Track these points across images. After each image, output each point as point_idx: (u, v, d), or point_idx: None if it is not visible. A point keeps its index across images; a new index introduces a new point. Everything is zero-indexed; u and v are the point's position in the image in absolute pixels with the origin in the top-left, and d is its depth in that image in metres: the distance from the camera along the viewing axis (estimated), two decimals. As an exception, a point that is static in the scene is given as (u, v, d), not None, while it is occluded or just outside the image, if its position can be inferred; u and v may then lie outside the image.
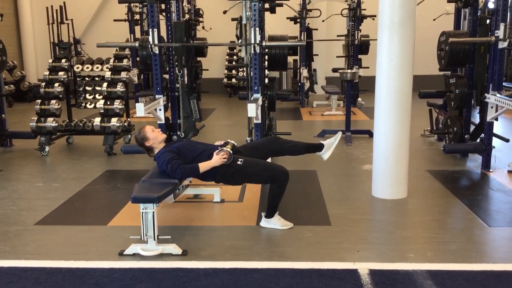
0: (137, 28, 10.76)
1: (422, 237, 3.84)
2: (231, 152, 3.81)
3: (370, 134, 7.28)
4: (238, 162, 3.82)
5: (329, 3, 11.86)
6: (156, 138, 3.98)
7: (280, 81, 12.84)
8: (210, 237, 3.85)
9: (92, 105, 7.31)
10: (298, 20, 10.45)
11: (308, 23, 11.01)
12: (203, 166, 3.78)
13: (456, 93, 5.96)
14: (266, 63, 6.54)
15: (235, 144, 3.96)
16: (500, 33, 5.19)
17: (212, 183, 4.08)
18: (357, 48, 10.28)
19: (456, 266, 3.30)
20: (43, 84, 6.91)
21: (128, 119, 7.26)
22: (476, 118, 6.36)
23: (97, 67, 7.27)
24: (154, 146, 4.00)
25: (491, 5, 5.75)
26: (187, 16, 8.86)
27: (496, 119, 5.56)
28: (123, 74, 6.98)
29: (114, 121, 6.66)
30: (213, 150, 3.89)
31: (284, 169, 3.90)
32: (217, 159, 3.77)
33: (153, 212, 3.47)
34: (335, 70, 9.88)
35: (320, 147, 4.03)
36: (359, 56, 10.42)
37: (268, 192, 3.92)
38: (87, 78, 7.38)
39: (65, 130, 7.03)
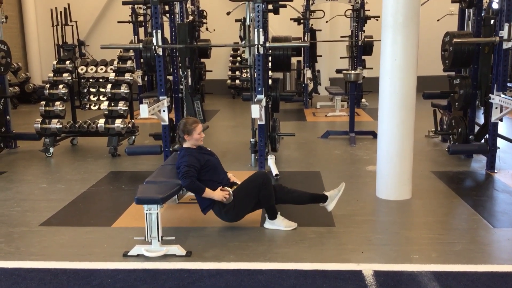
0: (141, 30, 10.77)
1: (427, 238, 3.83)
2: (232, 194, 3.89)
3: (374, 135, 7.27)
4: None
5: (333, 4, 11.85)
6: (196, 140, 4.03)
7: (284, 82, 12.83)
8: (214, 238, 3.86)
9: (96, 107, 7.34)
10: (302, 21, 10.44)
11: (312, 24, 10.99)
12: (207, 193, 3.85)
13: (461, 93, 5.94)
14: (270, 64, 6.54)
15: None
16: (504, 33, 5.18)
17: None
18: (361, 49, 10.26)
19: (460, 267, 3.29)
20: (48, 85, 6.93)
21: (132, 120, 7.27)
22: (481, 119, 6.34)
23: (101, 69, 7.28)
24: (188, 141, 4.03)
25: (495, 5, 5.74)
26: (190, 18, 8.88)
27: (501, 120, 5.55)
28: (127, 76, 6.99)
29: (118, 122, 6.67)
30: (225, 184, 3.98)
31: (261, 172, 4.07)
32: (219, 194, 3.86)
33: (157, 213, 3.48)
34: (338, 71, 9.87)
35: (324, 198, 4.10)
36: (363, 57, 10.40)
37: (259, 199, 3.94)
38: (91, 80, 7.40)
39: (70, 131, 7.04)
